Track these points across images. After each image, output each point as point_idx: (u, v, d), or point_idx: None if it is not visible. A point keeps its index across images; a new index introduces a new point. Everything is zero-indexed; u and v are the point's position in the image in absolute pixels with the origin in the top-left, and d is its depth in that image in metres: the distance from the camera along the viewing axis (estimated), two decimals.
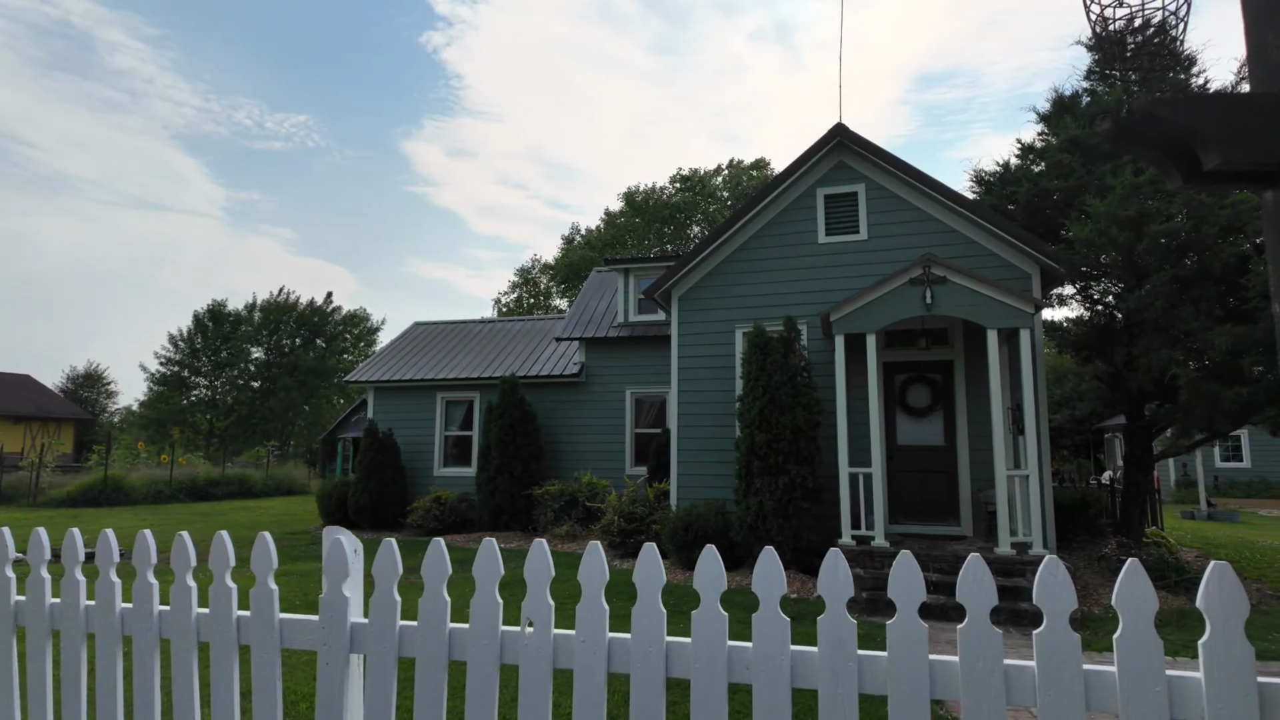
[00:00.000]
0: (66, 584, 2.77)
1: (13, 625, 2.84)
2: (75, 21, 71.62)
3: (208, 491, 21.81)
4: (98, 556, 2.71)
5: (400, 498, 14.71)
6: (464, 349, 16.79)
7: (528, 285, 43.60)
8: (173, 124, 78.10)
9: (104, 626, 2.62)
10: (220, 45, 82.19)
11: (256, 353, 46.22)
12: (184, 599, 2.51)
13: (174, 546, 2.59)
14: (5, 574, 2.93)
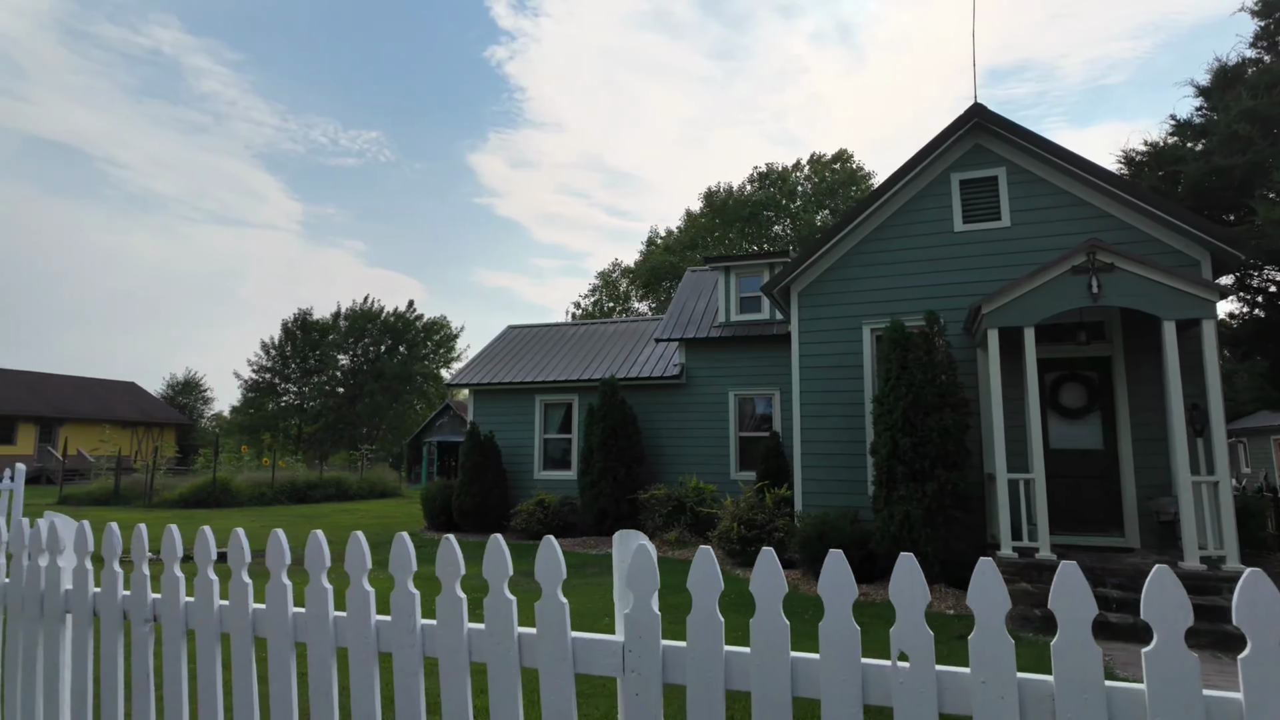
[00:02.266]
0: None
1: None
2: (165, 50, 75.97)
3: (306, 494, 22.33)
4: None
5: (503, 501, 14.61)
6: (559, 352, 16.62)
7: (608, 289, 43.57)
8: (253, 143, 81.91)
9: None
10: (296, 67, 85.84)
11: (343, 359, 47.64)
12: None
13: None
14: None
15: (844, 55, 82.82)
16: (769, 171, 40.85)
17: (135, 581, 2.71)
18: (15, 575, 3.01)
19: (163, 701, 2.61)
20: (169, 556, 2.68)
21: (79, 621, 2.84)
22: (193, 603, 2.61)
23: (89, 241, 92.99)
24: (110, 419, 39.31)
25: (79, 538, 3.03)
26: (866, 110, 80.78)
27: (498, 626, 2.09)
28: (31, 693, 2.88)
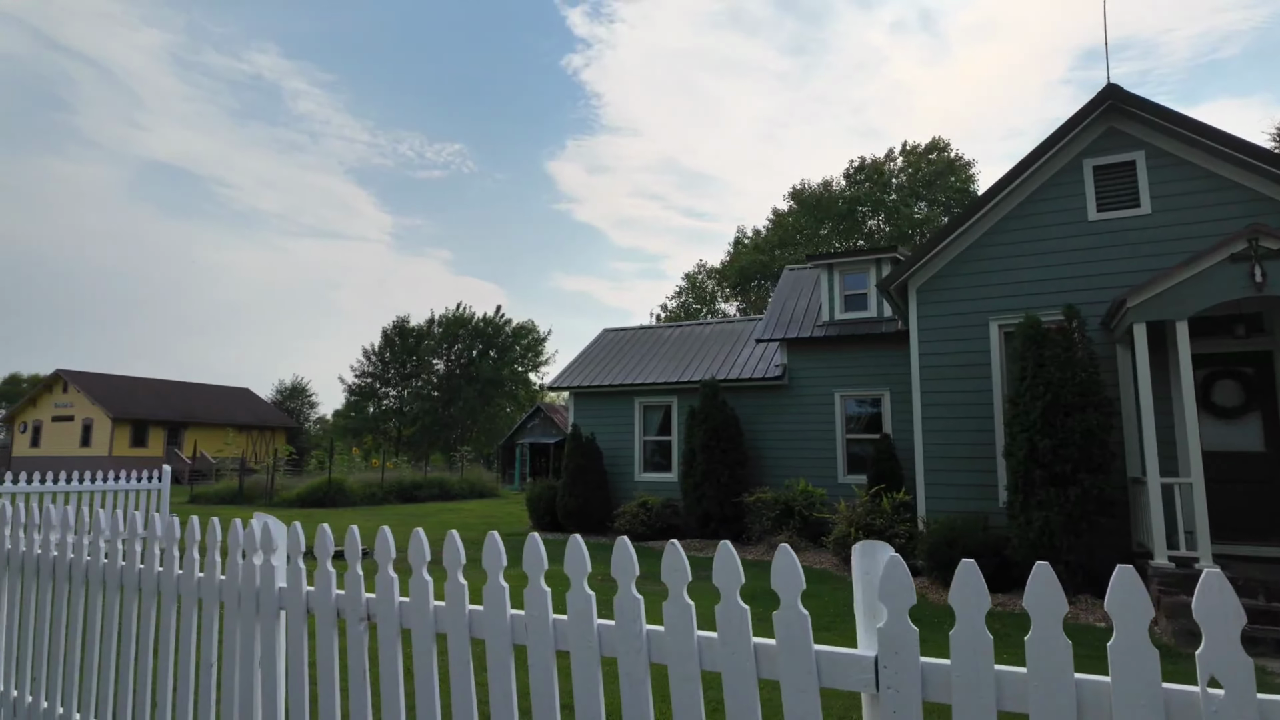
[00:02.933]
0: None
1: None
2: (265, 75, 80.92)
3: (413, 494, 23.21)
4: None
5: (605, 502, 14.75)
6: (656, 354, 16.66)
7: (694, 290, 43.50)
8: (346, 159, 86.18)
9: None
10: (384, 85, 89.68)
11: (437, 364, 49.38)
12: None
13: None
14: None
15: (927, 44, 79.98)
16: (862, 165, 39.70)
17: (349, 581, 2.82)
18: (231, 573, 3.20)
19: (379, 697, 2.71)
20: (383, 557, 2.78)
21: (294, 619, 3.00)
22: (408, 603, 2.69)
23: (201, 257, 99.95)
24: (228, 423, 42.04)
25: (292, 538, 3.20)
26: (952, 99, 77.80)
27: (732, 635, 2.06)
28: (250, 688, 3.05)
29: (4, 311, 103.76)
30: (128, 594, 3.60)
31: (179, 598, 3.42)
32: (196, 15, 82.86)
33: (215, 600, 3.26)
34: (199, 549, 3.34)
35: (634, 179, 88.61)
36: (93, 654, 3.68)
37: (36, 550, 4.06)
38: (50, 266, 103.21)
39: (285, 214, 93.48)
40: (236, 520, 3.33)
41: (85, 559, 3.84)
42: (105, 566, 3.77)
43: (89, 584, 3.81)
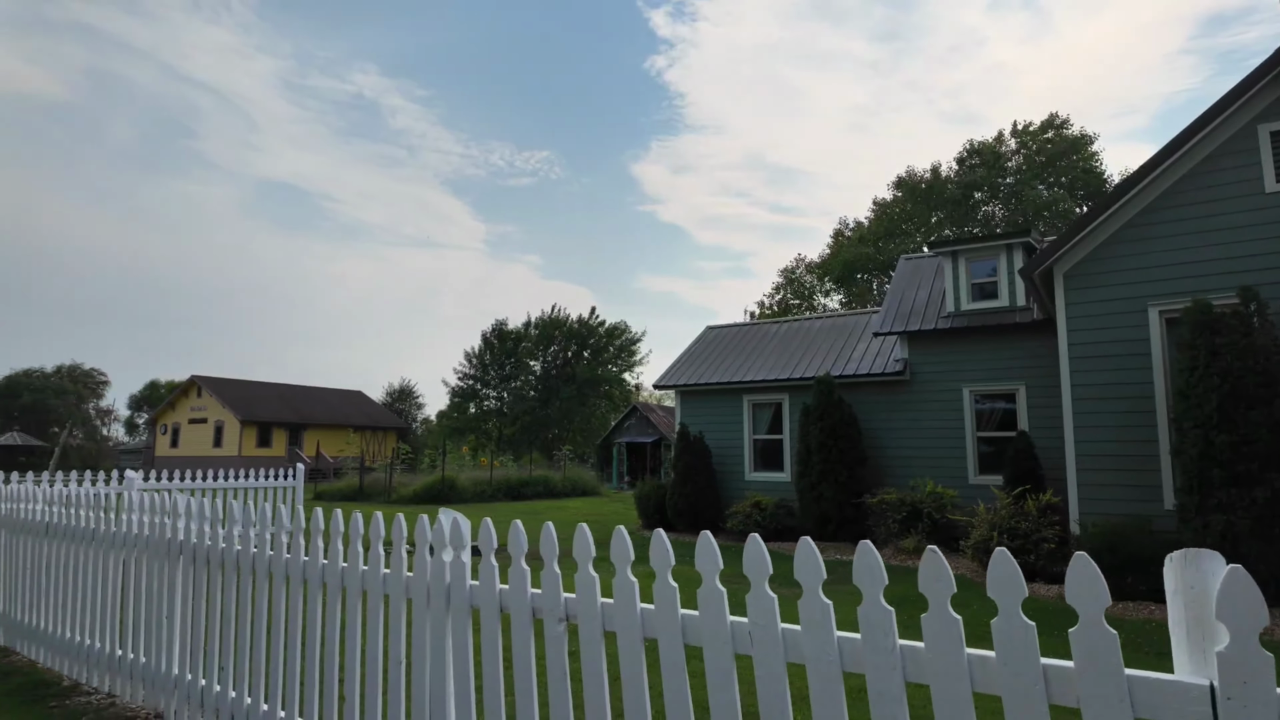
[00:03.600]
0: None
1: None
2: (366, 93, 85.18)
3: (519, 491, 23.70)
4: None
5: (715, 502, 14.53)
6: (763, 350, 16.29)
7: (792, 286, 42.60)
8: (441, 171, 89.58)
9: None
10: (475, 98, 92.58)
11: (535, 365, 50.47)
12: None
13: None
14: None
15: (1027, 20, 75.54)
16: (973, 149, 37.57)
17: (547, 580, 2.73)
18: (419, 568, 3.19)
19: (583, 701, 2.60)
20: (583, 555, 2.68)
21: (487, 618, 2.94)
22: (612, 605, 2.57)
23: (312, 269, 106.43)
24: (344, 424, 44.33)
25: (476, 533, 3.16)
26: (1058, 78, 73.04)
27: (1016, 655, 1.82)
28: (442, 686, 3.01)
29: (145, 323, 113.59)
30: (311, 588, 3.67)
31: (364, 593, 3.46)
32: (304, 42, 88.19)
33: (402, 596, 3.26)
34: (381, 544, 3.34)
35: (718, 177, 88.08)
36: (278, 646, 3.76)
37: (221, 544, 4.23)
38: (180, 280, 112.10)
39: (387, 225, 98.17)
40: (423, 516, 3.33)
41: (269, 553, 3.96)
42: (288, 561, 3.86)
43: (272, 578, 3.92)
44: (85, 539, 5.15)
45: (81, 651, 5.02)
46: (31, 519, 5.76)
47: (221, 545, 4.22)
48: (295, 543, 3.85)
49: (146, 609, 4.60)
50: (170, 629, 4.40)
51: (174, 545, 4.49)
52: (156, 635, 4.46)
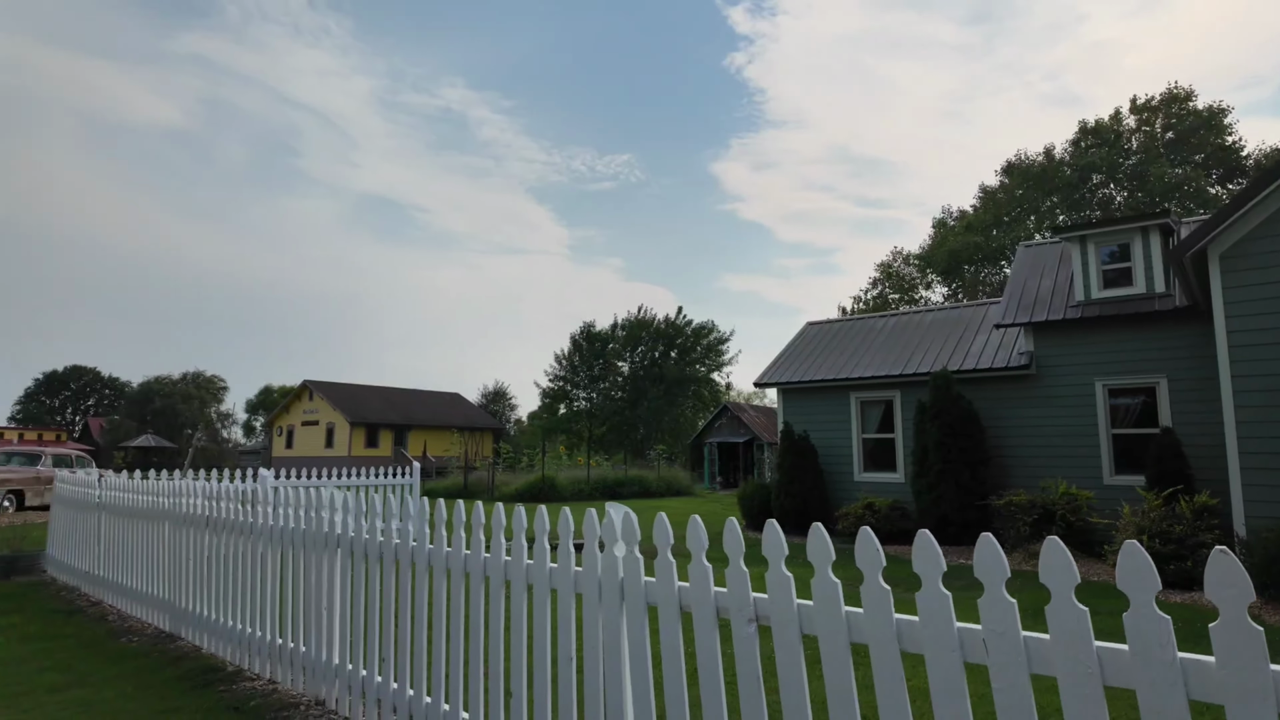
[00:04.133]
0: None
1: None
2: (454, 107, 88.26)
3: (616, 491, 23.84)
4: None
5: (823, 502, 14.12)
6: (870, 346, 15.73)
7: (891, 280, 41.15)
8: (526, 179, 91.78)
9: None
10: (558, 106, 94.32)
11: (623, 366, 50.85)
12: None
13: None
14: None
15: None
16: (1087, 128, 35.01)
17: (733, 579, 2.61)
18: (589, 564, 3.13)
19: (779, 708, 2.47)
20: (774, 553, 2.53)
21: (666, 617, 2.83)
22: (811, 607, 2.42)
23: (406, 277, 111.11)
24: (444, 425, 45.92)
25: (660, 531, 3.06)
26: (1168, 51, 67.77)
27: None
28: (619, 687, 2.93)
29: (258, 331, 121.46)
30: (473, 582, 3.68)
31: (529, 587, 3.43)
32: (396, 60, 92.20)
33: (570, 592, 3.21)
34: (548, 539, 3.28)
35: (800, 172, 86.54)
36: (439, 639, 3.79)
37: (379, 538, 4.32)
38: (288, 290, 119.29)
39: (475, 233, 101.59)
40: (591, 510, 3.28)
41: (428, 547, 4.01)
42: (449, 555, 3.89)
43: (432, 571, 3.96)
44: (245, 531, 5.40)
45: (243, 639, 5.26)
46: (193, 512, 6.10)
47: (380, 539, 4.31)
48: (456, 536, 3.88)
49: (305, 599, 4.76)
50: (330, 620, 4.53)
51: (330, 538, 4.63)
52: (316, 625, 4.61)
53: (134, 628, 6.40)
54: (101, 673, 5.09)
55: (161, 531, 6.54)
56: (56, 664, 5.29)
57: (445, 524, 3.97)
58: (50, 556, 9.20)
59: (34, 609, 7.15)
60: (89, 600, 7.56)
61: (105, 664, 5.33)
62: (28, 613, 6.91)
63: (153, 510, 6.71)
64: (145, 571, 6.72)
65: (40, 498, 18.42)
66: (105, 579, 7.48)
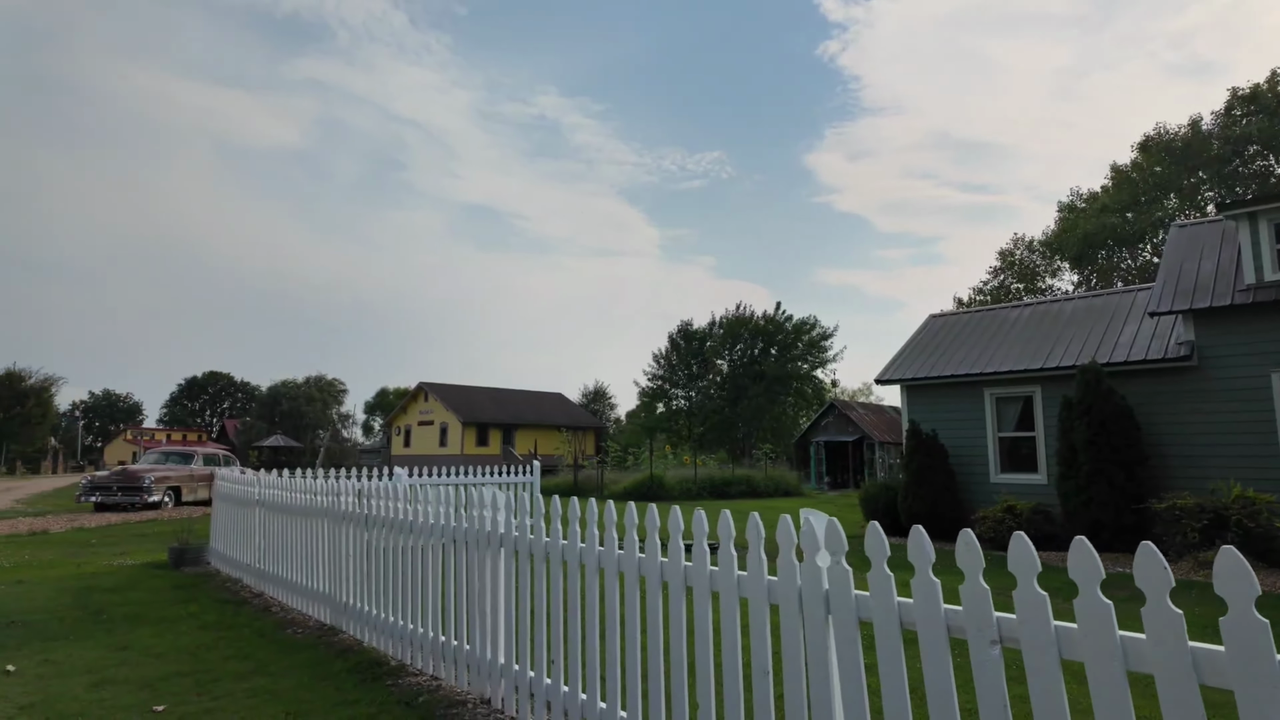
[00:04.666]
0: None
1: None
2: (547, 114, 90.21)
3: (723, 490, 23.57)
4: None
5: (955, 505, 13.37)
6: (1003, 338, 14.78)
7: (1014, 269, 38.71)
8: (618, 182, 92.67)
9: None
10: (647, 107, 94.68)
11: (721, 364, 50.38)
12: None
13: None
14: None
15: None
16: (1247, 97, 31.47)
17: (971, 596, 2.37)
18: (785, 574, 2.95)
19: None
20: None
21: (884, 635, 2.60)
22: (1073, 630, 2.14)
23: (506, 282, 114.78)
24: (549, 424, 46.96)
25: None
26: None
27: None
28: (828, 710, 2.75)
29: (373, 336, 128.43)
30: (650, 586, 3.57)
31: (714, 594, 3.30)
32: (492, 71, 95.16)
33: (764, 601, 3.04)
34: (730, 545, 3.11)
35: (900, 160, 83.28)
36: (613, 642, 3.71)
37: (545, 538, 4.30)
38: (398, 298, 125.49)
39: (570, 237, 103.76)
40: (785, 516, 3.10)
41: (598, 548, 3.95)
42: (621, 557, 3.81)
43: (603, 574, 3.90)
44: (403, 529, 5.54)
45: (405, 635, 5.40)
46: (350, 510, 6.33)
47: (546, 539, 4.29)
48: (629, 539, 3.80)
49: (468, 597, 4.82)
50: (494, 618, 4.55)
51: (494, 537, 4.66)
52: (480, 623, 4.65)
53: (297, 620, 6.72)
54: (278, 663, 5.34)
55: (319, 528, 6.84)
56: (237, 652, 5.59)
57: (613, 525, 3.88)
58: (213, 549, 9.88)
59: (206, 599, 7.65)
60: (251, 592, 8.03)
61: (279, 654, 5.59)
62: (202, 602, 7.40)
63: (310, 508, 7.03)
64: (305, 566, 7.04)
65: (194, 494, 20.02)
66: (266, 572, 7.93)
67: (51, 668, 5.17)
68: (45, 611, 6.92)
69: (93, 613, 6.91)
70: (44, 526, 15.07)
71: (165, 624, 6.44)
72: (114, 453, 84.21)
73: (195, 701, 4.51)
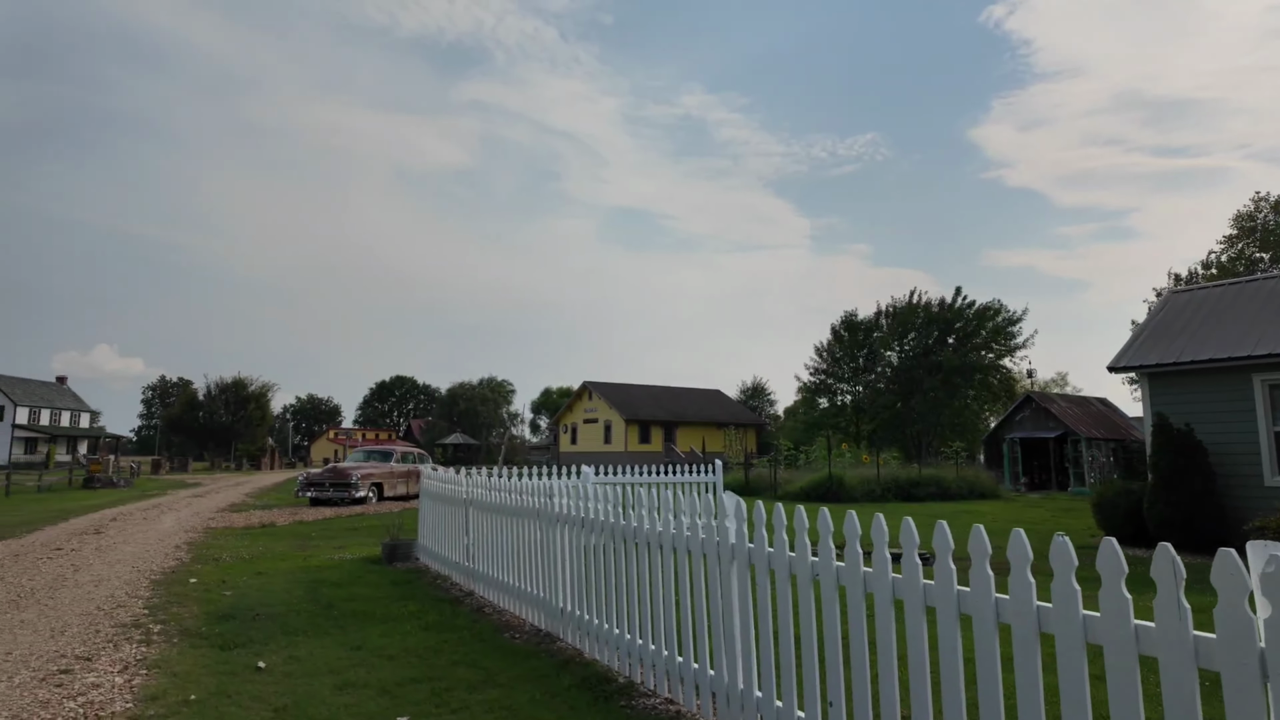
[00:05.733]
0: None
1: None
2: (693, 113, 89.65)
3: (910, 492, 21.89)
4: None
5: (1216, 513, 11.27)
6: (1273, 313, 12.32)
7: (1257, 236, 33.22)
8: (764, 174, 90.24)
9: None
10: (794, 95, 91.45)
11: (891, 356, 47.53)
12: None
13: None
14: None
15: None
16: None
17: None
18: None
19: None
20: None
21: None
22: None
23: (655, 282, 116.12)
24: (708, 421, 46.60)
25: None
26: None
27: None
28: None
29: (535, 339, 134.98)
30: (909, 611, 2.90)
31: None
32: (638, 76, 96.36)
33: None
34: None
35: (1080, 126, 74.59)
36: (889, 676, 3.08)
37: (789, 553, 3.69)
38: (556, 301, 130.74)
39: (716, 234, 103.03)
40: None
41: (864, 570, 3.27)
42: (896, 581, 3.13)
43: (873, 599, 3.24)
44: (625, 535, 5.15)
45: (632, 650, 4.99)
46: (565, 513, 6.07)
47: (790, 554, 3.71)
48: (879, 556, 3.13)
49: (708, 614, 4.32)
50: (739, 639, 4.01)
51: (724, 548, 4.16)
52: (727, 647, 4.11)
53: (511, 623, 6.57)
54: (505, 673, 5.11)
55: (530, 529, 6.66)
56: (464, 658, 5.45)
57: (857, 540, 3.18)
58: (421, 545, 10.19)
59: (422, 596, 7.76)
60: (462, 590, 8.08)
61: (503, 661, 5.38)
62: (420, 600, 7.49)
63: (521, 508, 6.88)
64: (516, 568, 6.90)
65: (394, 489, 21.46)
66: (475, 570, 7.93)
67: (296, 665, 5.26)
68: (284, 604, 7.27)
69: (324, 606, 7.17)
70: (271, 520, 16.60)
71: (391, 623, 6.51)
72: (319, 450, 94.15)
73: (435, 715, 4.33)
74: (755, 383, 60.13)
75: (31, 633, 6.14)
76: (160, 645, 5.75)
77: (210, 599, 7.56)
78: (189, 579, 8.75)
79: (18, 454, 60.57)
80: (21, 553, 11.04)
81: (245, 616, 6.73)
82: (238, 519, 16.78)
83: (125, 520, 16.22)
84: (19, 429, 62.07)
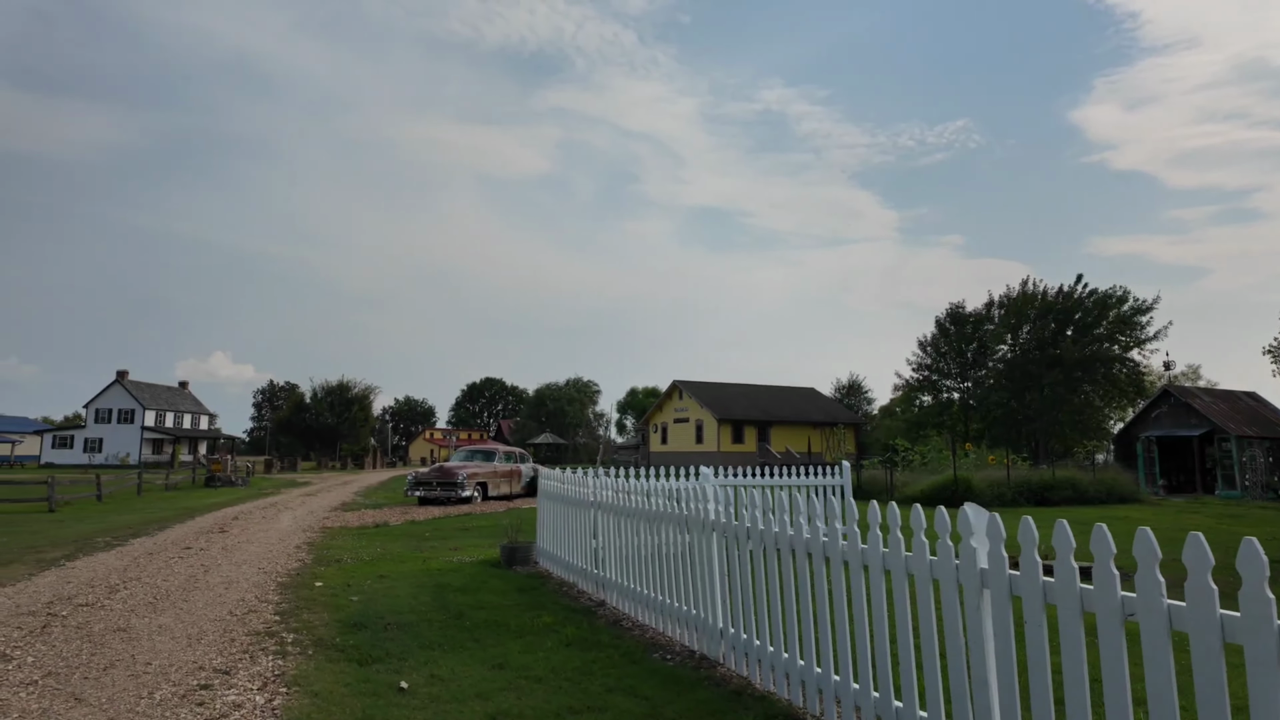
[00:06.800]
0: None
1: None
2: (772, 108, 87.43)
3: (1043, 496, 20.15)
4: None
5: None
6: None
7: None
8: (848, 166, 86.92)
9: None
10: (878, 83, 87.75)
11: (1003, 350, 44.70)
12: None
13: None
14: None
15: None
16: None
17: None
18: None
19: None
20: None
21: None
22: None
23: (736, 280, 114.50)
24: (803, 420, 45.08)
25: None
26: None
27: None
28: None
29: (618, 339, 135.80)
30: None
31: None
32: (716, 74, 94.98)
33: None
34: None
35: (1194, 101, 68.27)
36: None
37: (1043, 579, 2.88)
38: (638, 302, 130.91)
39: (797, 230, 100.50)
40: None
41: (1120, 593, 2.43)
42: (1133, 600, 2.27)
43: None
44: (792, 548, 4.45)
45: (815, 681, 4.26)
46: (715, 519, 5.43)
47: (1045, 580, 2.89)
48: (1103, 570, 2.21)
49: (942, 651, 3.54)
50: (996, 688, 3.21)
51: (969, 575, 3.37)
52: (976, 693, 3.33)
53: (658, 640, 5.95)
54: (671, 704, 4.47)
55: (670, 536, 6.05)
56: (617, 683, 4.85)
57: None
58: (540, 549, 9.75)
59: (553, 605, 7.25)
60: (592, 600, 7.54)
61: (663, 690, 4.74)
62: (552, 611, 6.98)
63: (659, 513, 6.27)
64: (656, 578, 6.29)
65: (497, 489, 21.41)
66: (606, 579, 7.37)
67: (441, 686, 4.78)
68: (413, 612, 6.91)
69: (454, 616, 6.76)
70: (384, 519, 16.70)
71: (528, 637, 6.00)
72: (416, 450, 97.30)
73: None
74: (852, 380, 58.00)
75: (170, 639, 5.95)
76: (296, 658, 5.42)
77: (338, 605, 7.29)
78: (314, 582, 8.58)
79: (146, 454, 65.31)
80: (155, 551, 11.29)
81: (376, 626, 6.37)
82: (351, 518, 16.97)
83: (246, 519, 16.66)
84: (147, 430, 66.87)
